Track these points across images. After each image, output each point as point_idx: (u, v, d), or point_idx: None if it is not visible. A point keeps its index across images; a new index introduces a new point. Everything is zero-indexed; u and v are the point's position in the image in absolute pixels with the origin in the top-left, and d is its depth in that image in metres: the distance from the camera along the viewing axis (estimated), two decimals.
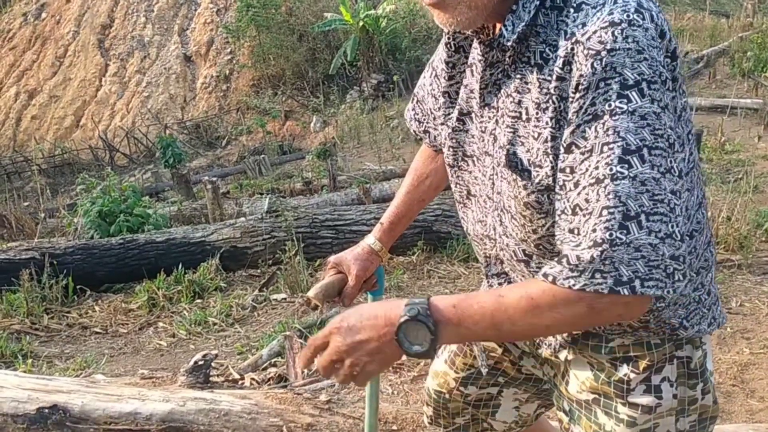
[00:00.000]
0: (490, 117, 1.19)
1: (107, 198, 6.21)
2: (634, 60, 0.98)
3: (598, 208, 0.99)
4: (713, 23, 18.08)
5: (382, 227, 1.60)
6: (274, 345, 3.66)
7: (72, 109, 22.22)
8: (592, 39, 1.00)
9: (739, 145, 9.36)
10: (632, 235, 0.97)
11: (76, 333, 4.70)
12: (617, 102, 0.98)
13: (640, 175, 0.97)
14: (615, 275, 0.98)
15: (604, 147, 0.99)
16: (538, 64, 1.08)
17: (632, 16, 0.99)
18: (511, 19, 1.08)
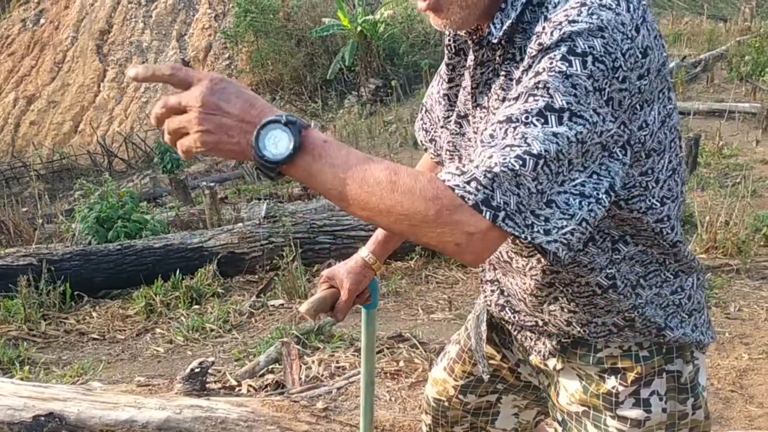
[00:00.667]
0: (481, 117, 1.19)
1: (105, 204, 6.20)
2: (591, 34, 0.97)
3: (502, 144, 0.95)
4: (711, 27, 18.12)
5: (377, 240, 1.58)
6: (271, 351, 3.65)
7: (70, 115, 22.22)
8: (559, 14, 1.01)
9: (737, 149, 9.36)
10: (524, 169, 0.92)
11: (73, 339, 4.69)
12: (559, 62, 0.97)
13: (551, 133, 0.94)
14: (488, 193, 0.92)
15: (529, 97, 0.97)
16: (522, 59, 1.08)
17: (606, 0, 1.00)
18: (500, 17, 1.10)
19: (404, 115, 15.02)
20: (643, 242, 1.20)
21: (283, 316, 4.63)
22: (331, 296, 1.52)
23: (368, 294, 1.57)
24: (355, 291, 1.52)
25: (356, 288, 1.52)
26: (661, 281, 1.24)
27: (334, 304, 1.52)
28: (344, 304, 1.51)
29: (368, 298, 1.58)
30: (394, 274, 5.28)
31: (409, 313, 4.61)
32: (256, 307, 4.82)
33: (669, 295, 1.25)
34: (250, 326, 4.56)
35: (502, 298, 1.38)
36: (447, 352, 1.65)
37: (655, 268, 1.23)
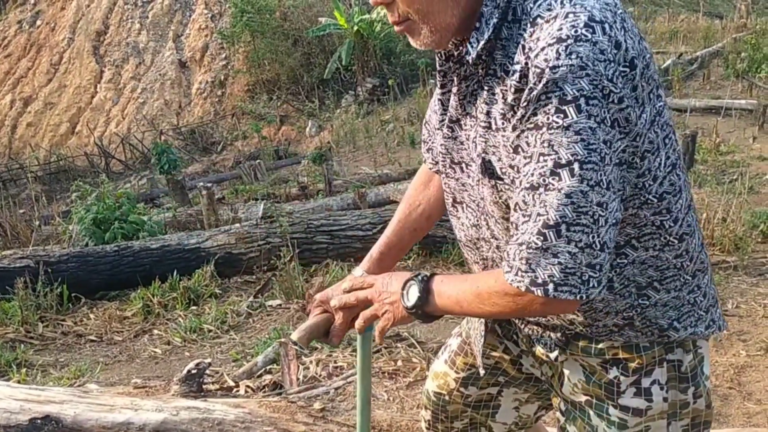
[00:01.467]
0: (471, 125, 1.22)
1: (102, 205, 6.19)
2: (576, 76, 1.00)
3: (534, 213, 1.06)
4: (707, 24, 18.13)
5: (372, 258, 1.56)
6: (269, 352, 3.65)
7: (67, 116, 22.19)
8: (539, 57, 1.03)
9: (734, 146, 9.37)
10: (548, 242, 1.05)
11: (70, 341, 4.68)
12: (554, 116, 1.01)
13: (566, 189, 1.03)
14: (531, 276, 1.08)
15: (540, 157, 1.04)
16: (502, 76, 1.12)
17: (580, 31, 1.01)
18: (475, 36, 1.12)
19: (401, 114, 15.03)
20: (652, 245, 1.20)
21: (281, 316, 4.63)
22: (325, 322, 1.45)
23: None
24: (351, 315, 1.44)
25: (351, 312, 1.44)
26: (680, 284, 1.26)
27: (328, 329, 1.46)
28: (339, 328, 1.45)
29: None
30: None
31: None
32: (254, 307, 4.81)
33: (686, 295, 1.27)
34: (247, 327, 4.56)
35: None
36: (448, 345, 1.65)
37: (674, 273, 1.24)
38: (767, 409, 3.07)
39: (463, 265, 5.41)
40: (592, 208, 1.04)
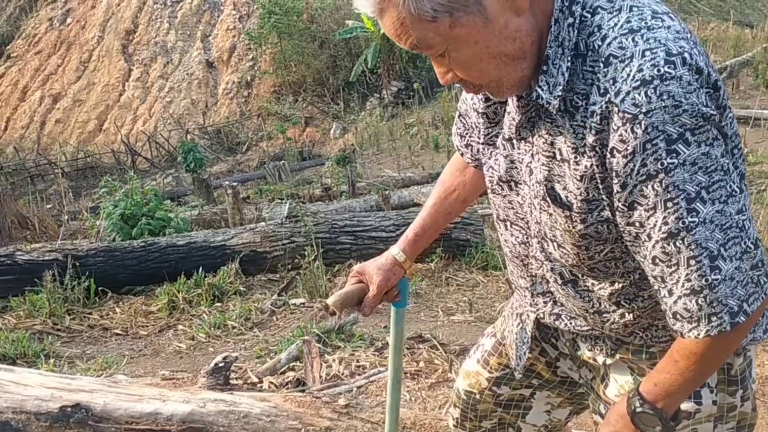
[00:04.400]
0: (526, 150, 1.20)
1: (129, 201, 6.27)
2: (673, 115, 0.99)
3: (683, 258, 1.05)
4: (737, 33, 17.94)
5: (407, 239, 1.58)
6: (292, 349, 3.68)
7: (95, 114, 22.49)
8: (626, 101, 1.00)
9: (762, 156, 9.28)
10: (723, 270, 1.04)
11: (97, 334, 4.75)
12: (668, 159, 1.00)
13: (708, 216, 1.03)
14: (728, 311, 1.06)
15: (668, 203, 1.03)
16: (569, 111, 1.09)
17: (663, 69, 0.99)
18: (545, 79, 1.09)
19: (426, 117, 15.03)
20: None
21: (304, 314, 4.66)
22: (360, 291, 1.51)
23: (397, 292, 1.56)
24: (384, 287, 1.51)
25: (385, 284, 1.52)
26: None
27: (361, 298, 1.51)
28: (372, 300, 1.51)
29: (396, 296, 1.56)
30: (415, 276, 5.29)
31: (429, 314, 4.62)
32: (278, 305, 4.85)
33: None
34: (271, 324, 4.59)
35: (556, 308, 1.37)
36: (481, 344, 1.65)
37: None
38: None
39: (485, 269, 5.41)
40: (734, 219, 1.04)
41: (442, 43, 1.05)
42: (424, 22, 1.02)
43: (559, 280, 1.29)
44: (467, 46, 1.05)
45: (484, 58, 1.07)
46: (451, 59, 1.09)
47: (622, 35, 1.03)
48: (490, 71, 1.09)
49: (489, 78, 1.10)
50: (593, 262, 1.21)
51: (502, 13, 1.03)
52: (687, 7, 26.31)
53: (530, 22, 1.06)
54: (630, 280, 1.22)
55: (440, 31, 1.03)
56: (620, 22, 1.04)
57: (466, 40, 1.05)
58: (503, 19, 1.04)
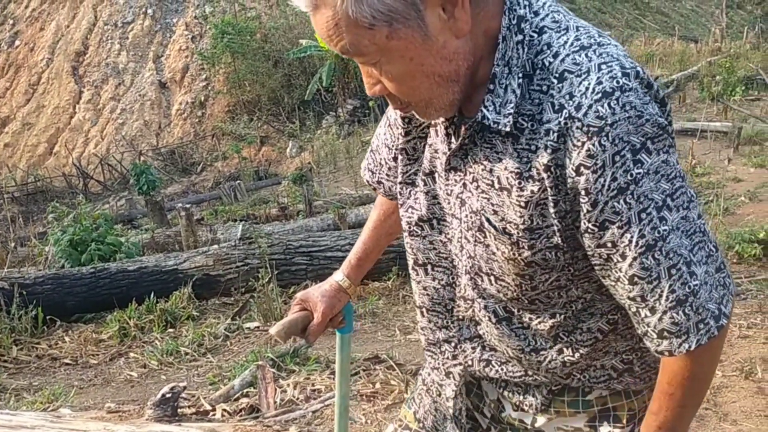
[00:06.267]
0: (456, 180, 1.15)
1: (78, 226, 6.14)
2: (637, 125, 0.99)
3: (663, 270, 1.03)
4: (682, 48, 18.44)
5: (350, 264, 1.55)
6: (246, 375, 3.61)
7: (45, 137, 22.04)
8: (589, 115, 0.99)
9: (709, 167, 9.49)
10: (699, 276, 1.03)
11: (45, 364, 4.61)
12: (635, 169, 0.99)
13: (675, 223, 1.02)
14: (712, 316, 1.04)
15: (641, 214, 1.01)
16: (512, 134, 1.05)
17: (621, 81, 0.99)
18: (491, 99, 1.05)
19: None
20: None
21: (259, 338, 4.59)
22: (303, 319, 1.49)
23: (342, 318, 1.55)
24: (329, 314, 1.49)
25: (330, 311, 1.49)
26: None
27: (306, 327, 1.49)
28: (317, 328, 1.48)
29: (342, 322, 1.55)
30: (372, 295, 5.26)
31: (386, 333, 4.59)
32: (232, 329, 4.77)
33: None
34: (225, 349, 4.52)
35: (486, 353, 1.29)
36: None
37: None
38: (743, 430, 3.08)
39: None
40: (697, 224, 1.04)
41: (375, 53, 1.01)
42: (360, 28, 0.97)
43: (493, 319, 1.22)
44: (401, 61, 1.01)
45: (417, 75, 1.03)
46: (382, 71, 1.04)
47: (575, 52, 1.01)
48: (422, 90, 1.05)
49: (419, 97, 1.06)
50: (536, 293, 1.16)
51: (442, 32, 1.00)
52: (633, 23, 27.00)
53: (468, 45, 1.03)
54: (571, 311, 1.17)
55: (376, 40, 0.99)
56: (570, 39, 1.03)
57: (401, 54, 1.00)
58: (442, 39, 1.00)
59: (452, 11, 0.98)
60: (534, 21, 1.04)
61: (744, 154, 10.37)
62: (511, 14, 1.04)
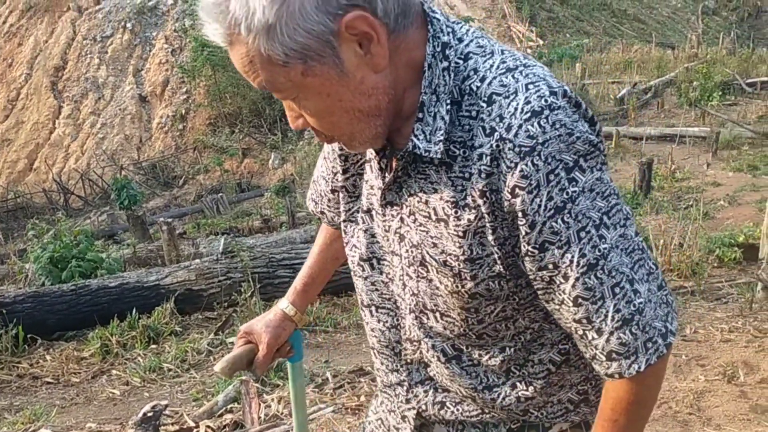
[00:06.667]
0: (393, 215, 1.13)
1: (58, 243, 6.08)
2: (568, 143, 0.97)
3: (607, 289, 1.00)
4: (659, 55, 18.65)
5: (296, 290, 1.50)
6: (230, 390, 3.59)
7: (25, 153, 21.87)
8: (520, 135, 0.96)
9: (688, 172, 9.59)
10: (642, 293, 1.01)
11: (26, 383, 4.56)
12: (571, 188, 0.98)
13: (614, 241, 1.00)
14: (659, 333, 1.02)
15: (581, 233, 0.99)
16: (445, 163, 1.03)
17: (550, 99, 0.97)
18: (420, 127, 1.02)
19: None
20: None
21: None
22: (248, 352, 1.43)
23: (290, 347, 1.49)
24: (275, 345, 1.43)
25: (275, 342, 1.43)
26: None
27: (252, 360, 1.43)
28: (262, 360, 1.42)
29: (290, 351, 1.50)
30: (356, 306, 5.25)
31: None
32: (215, 344, 4.74)
33: None
34: (208, 365, 4.48)
35: (439, 395, 1.25)
36: None
37: None
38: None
39: None
40: (635, 241, 1.03)
41: (292, 89, 0.98)
42: (275, 65, 0.94)
43: (442, 358, 1.19)
44: (319, 97, 0.99)
45: (336, 111, 1.00)
46: (301, 106, 1.02)
47: (501, 74, 1.00)
48: (342, 125, 1.02)
49: (341, 131, 1.04)
50: (482, 326, 1.13)
51: (359, 68, 0.97)
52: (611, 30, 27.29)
53: (388, 79, 1.00)
54: (521, 342, 1.15)
55: (291, 77, 0.96)
56: (496, 63, 1.01)
57: (318, 91, 0.98)
58: (360, 75, 0.97)
59: (369, 47, 0.96)
60: (459, 47, 1.03)
61: (722, 158, 10.49)
62: (435, 41, 1.02)
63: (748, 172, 9.49)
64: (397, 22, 0.98)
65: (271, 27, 0.91)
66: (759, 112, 13.22)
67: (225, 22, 0.93)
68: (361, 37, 0.94)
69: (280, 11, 0.90)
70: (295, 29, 0.92)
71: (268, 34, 0.91)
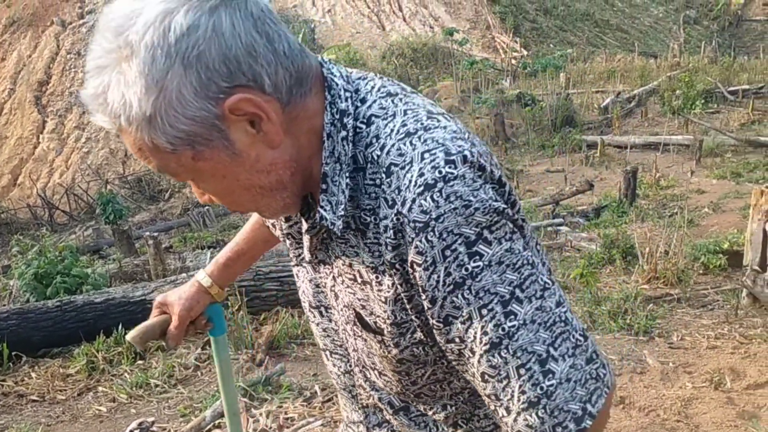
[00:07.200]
0: (326, 273, 1.12)
1: (43, 259, 6.03)
2: (466, 215, 0.91)
3: (512, 369, 0.94)
4: (642, 64, 18.81)
5: (218, 262, 1.48)
6: (217, 405, 3.57)
7: (9, 168, 21.72)
8: (414, 210, 0.91)
9: (673, 180, 9.66)
10: (558, 373, 0.94)
11: (11, 402, 4.51)
12: (471, 263, 0.92)
13: (528, 316, 0.93)
14: (572, 418, 0.95)
15: (482, 310, 0.93)
16: (360, 229, 1.01)
17: (444, 170, 0.91)
18: (326, 198, 0.99)
19: None
20: None
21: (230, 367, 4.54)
22: (162, 323, 1.43)
23: (206, 320, 1.48)
24: (187, 317, 1.43)
25: (187, 314, 1.43)
26: None
27: (165, 330, 1.43)
28: (175, 331, 1.42)
29: (207, 324, 1.48)
30: None
31: None
32: (202, 359, 4.71)
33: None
34: (196, 380, 4.45)
35: None
36: None
37: None
38: None
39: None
40: (556, 313, 0.95)
41: (186, 173, 0.95)
42: (163, 153, 0.91)
43: (390, 410, 1.19)
44: (214, 179, 0.96)
45: (236, 189, 0.97)
46: (201, 187, 1.00)
47: (400, 140, 0.95)
48: (245, 202, 1.00)
49: (246, 207, 1.02)
50: (417, 387, 1.12)
51: (252, 146, 0.93)
52: (594, 40, 27.53)
53: (288, 153, 0.97)
54: (461, 399, 1.14)
55: (182, 163, 0.93)
56: (396, 127, 0.96)
57: (212, 174, 0.95)
58: (254, 153, 0.94)
59: (260, 125, 0.92)
60: (361, 111, 0.99)
61: (706, 166, 10.58)
62: (333, 109, 0.98)
63: (732, 180, 9.58)
64: (291, 94, 0.94)
65: (151, 117, 0.88)
66: (741, 120, 13.35)
67: (106, 113, 0.90)
68: (249, 116, 0.91)
69: (158, 102, 0.87)
70: (176, 117, 0.88)
71: (149, 125, 0.88)
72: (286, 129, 0.95)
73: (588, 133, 13.45)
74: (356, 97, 1.00)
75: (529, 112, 14.35)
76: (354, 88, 1.01)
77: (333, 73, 1.00)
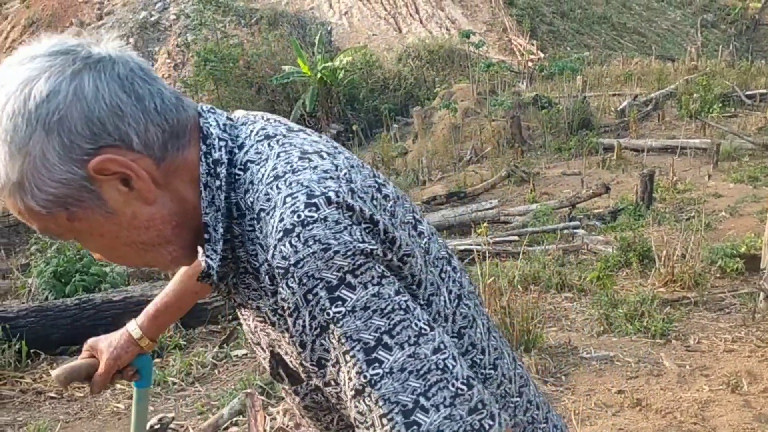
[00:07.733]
0: (248, 315, 1.12)
1: (62, 257, 6.10)
2: (326, 260, 0.89)
3: (376, 418, 0.89)
4: (659, 67, 18.70)
5: (148, 314, 1.47)
6: (235, 403, 3.60)
7: None
8: (276, 257, 0.91)
9: (690, 184, 9.60)
10: (426, 425, 0.87)
11: (30, 399, 4.56)
12: (333, 309, 0.89)
13: (395, 364, 0.89)
14: None
15: (346, 356, 0.90)
16: (252, 273, 1.00)
17: (303, 214, 0.90)
18: (210, 247, 0.99)
19: (366, 158, 15.11)
20: None
21: (247, 366, 4.57)
22: (89, 366, 1.41)
23: (134, 371, 1.46)
24: (114, 366, 1.41)
25: (115, 363, 1.41)
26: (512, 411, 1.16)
27: (91, 374, 1.41)
28: (100, 378, 1.41)
29: (134, 375, 1.46)
30: None
31: None
32: (219, 358, 4.75)
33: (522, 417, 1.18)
34: (213, 378, 4.49)
35: None
36: None
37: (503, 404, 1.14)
38: None
39: None
40: (432, 361, 0.90)
41: (67, 233, 0.96)
42: (40, 215, 0.91)
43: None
44: (93, 238, 0.96)
45: (118, 246, 0.97)
46: (85, 246, 1.01)
47: (268, 185, 0.94)
48: (131, 257, 1.00)
49: (134, 262, 1.02)
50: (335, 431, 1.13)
51: (127, 204, 0.93)
52: (611, 43, 27.42)
53: (167, 207, 0.96)
54: None
55: (60, 224, 0.93)
56: (267, 171, 0.95)
57: (90, 233, 0.95)
58: (130, 210, 0.94)
59: (132, 183, 0.92)
60: (238, 157, 0.99)
61: (723, 169, 10.51)
62: (208, 159, 0.97)
63: (749, 183, 9.51)
64: (166, 149, 0.94)
65: (20, 183, 0.89)
66: (759, 124, 13.25)
67: None
68: (119, 175, 0.91)
69: (23, 168, 0.88)
70: (43, 181, 0.89)
71: (20, 190, 0.89)
72: (164, 183, 0.95)
73: (605, 136, 13.39)
74: (233, 144, 1.00)
75: (545, 114, 14.31)
76: (234, 134, 1.01)
77: (209, 122, 1.01)
